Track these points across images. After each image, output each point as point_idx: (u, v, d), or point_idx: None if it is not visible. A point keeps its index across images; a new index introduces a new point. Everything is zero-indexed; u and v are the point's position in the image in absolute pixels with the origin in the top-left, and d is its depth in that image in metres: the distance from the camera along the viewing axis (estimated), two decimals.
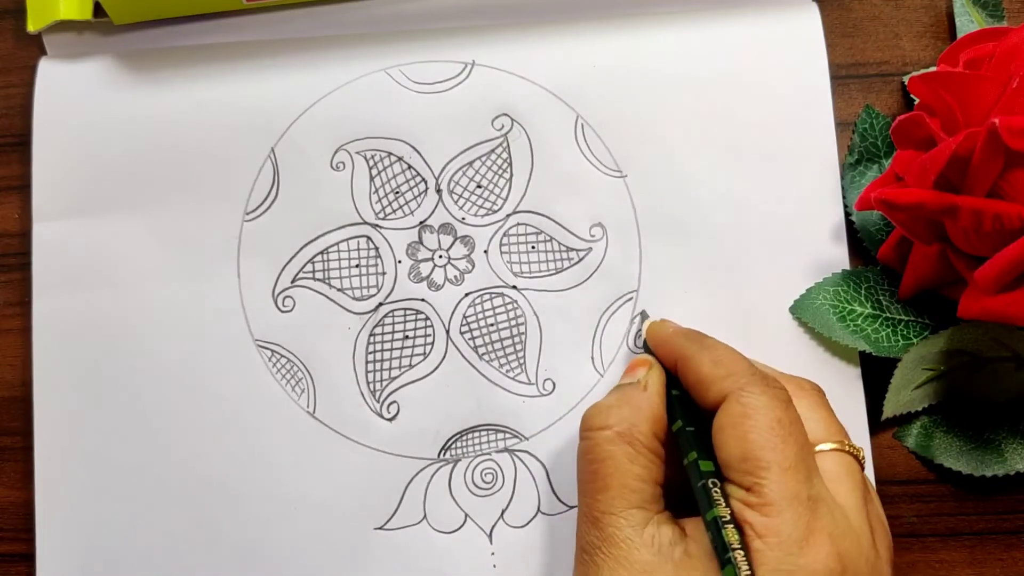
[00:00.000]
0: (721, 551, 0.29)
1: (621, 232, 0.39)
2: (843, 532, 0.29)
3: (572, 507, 0.38)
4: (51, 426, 0.38)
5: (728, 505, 0.30)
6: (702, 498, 0.30)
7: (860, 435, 0.38)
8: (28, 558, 0.38)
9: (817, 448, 0.32)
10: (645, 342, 0.36)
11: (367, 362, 0.38)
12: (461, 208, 0.39)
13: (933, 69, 0.39)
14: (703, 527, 0.30)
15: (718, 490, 0.30)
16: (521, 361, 0.39)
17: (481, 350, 0.39)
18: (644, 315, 0.38)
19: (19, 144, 0.41)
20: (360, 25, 0.41)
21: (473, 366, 0.38)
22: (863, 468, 0.32)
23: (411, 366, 0.38)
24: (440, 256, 0.39)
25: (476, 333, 0.39)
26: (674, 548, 0.30)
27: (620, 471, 0.31)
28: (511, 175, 0.40)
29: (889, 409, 0.37)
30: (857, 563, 0.29)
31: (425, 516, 0.38)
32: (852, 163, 0.39)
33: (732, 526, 0.29)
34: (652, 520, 0.31)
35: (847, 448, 0.32)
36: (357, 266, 0.39)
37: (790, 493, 0.29)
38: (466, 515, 0.38)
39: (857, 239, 0.39)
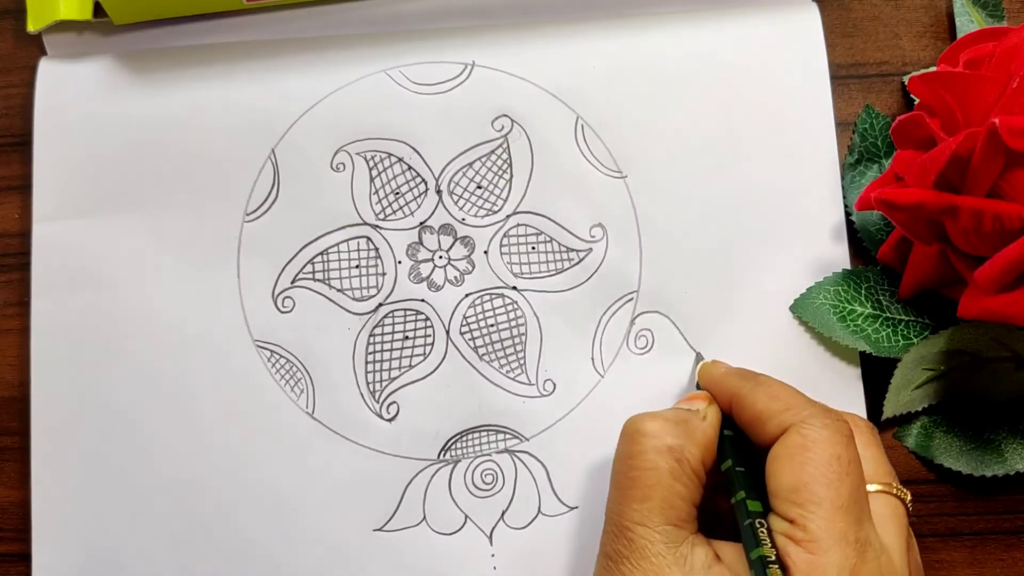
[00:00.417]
0: None
1: (621, 232, 0.39)
2: None
3: (573, 508, 0.38)
4: (49, 426, 0.38)
5: (772, 539, 0.29)
6: (748, 536, 0.30)
7: None
8: (27, 558, 0.38)
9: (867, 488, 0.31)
10: (698, 384, 0.36)
11: (367, 363, 0.38)
12: (461, 209, 0.39)
13: (933, 69, 0.39)
14: (741, 558, 0.30)
15: (765, 530, 0.29)
16: (521, 362, 0.38)
17: (481, 351, 0.39)
18: (699, 357, 0.38)
19: (19, 144, 0.41)
20: (360, 25, 0.41)
21: (473, 367, 0.38)
22: (909, 512, 0.32)
23: (411, 367, 0.38)
24: (440, 257, 0.39)
25: (476, 334, 0.39)
26: (706, 572, 0.29)
27: (663, 484, 0.30)
28: (511, 176, 0.40)
29: (889, 409, 0.37)
30: None
31: (425, 517, 0.38)
32: (852, 163, 0.39)
33: (778, 567, 0.28)
34: (687, 540, 0.30)
35: (895, 491, 0.31)
36: (357, 267, 0.39)
37: (839, 533, 0.28)
38: (466, 516, 0.38)
39: (857, 239, 0.39)
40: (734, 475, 0.32)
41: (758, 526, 0.30)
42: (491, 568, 0.37)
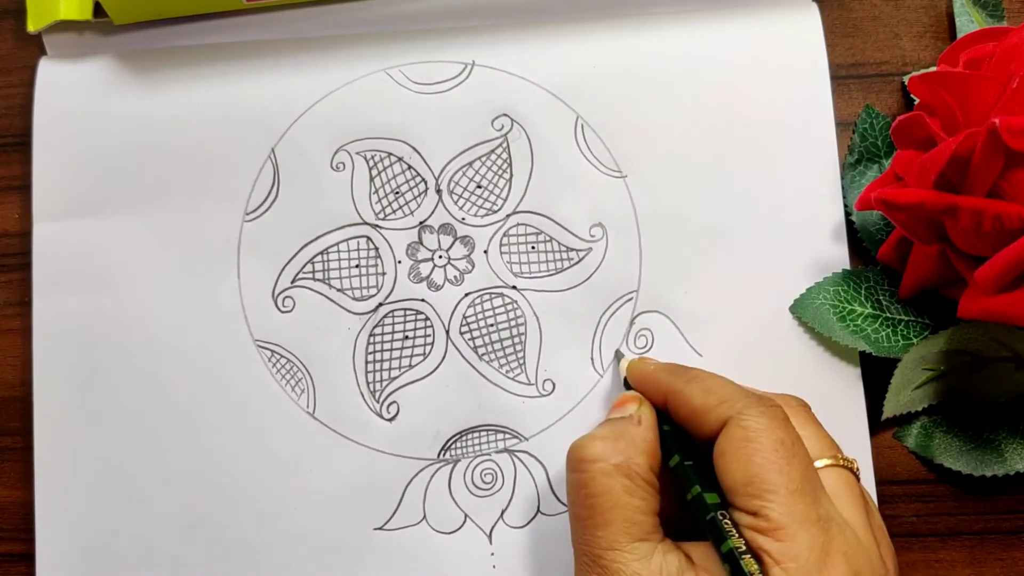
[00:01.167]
0: None
1: (621, 232, 0.39)
2: (856, 551, 0.29)
3: None
4: (51, 426, 0.38)
5: (739, 532, 0.29)
6: (713, 531, 0.30)
7: (860, 435, 0.38)
8: (28, 558, 0.38)
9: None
10: (626, 381, 0.36)
11: (367, 362, 0.38)
12: (461, 208, 0.39)
13: (933, 69, 0.39)
14: (711, 554, 0.29)
15: (728, 521, 0.29)
16: (521, 361, 0.39)
17: (481, 350, 0.39)
18: (619, 354, 0.38)
19: (19, 144, 0.41)
20: (360, 25, 0.41)
21: (473, 366, 0.38)
22: (859, 480, 0.32)
23: (411, 366, 0.38)
24: (440, 256, 0.39)
25: (476, 333, 0.39)
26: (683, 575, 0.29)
27: (620, 504, 0.30)
28: (511, 175, 0.40)
29: (889, 409, 0.37)
30: None
31: (425, 516, 0.38)
32: (852, 163, 0.39)
33: (750, 556, 0.28)
34: (657, 550, 0.30)
35: (842, 462, 0.32)
36: (357, 266, 0.39)
37: (801, 515, 0.28)
38: (466, 515, 0.38)
39: (857, 239, 0.39)
40: (684, 470, 0.32)
41: (720, 518, 0.30)
42: (491, 567, 0.37)
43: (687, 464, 0.32)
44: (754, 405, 0.31)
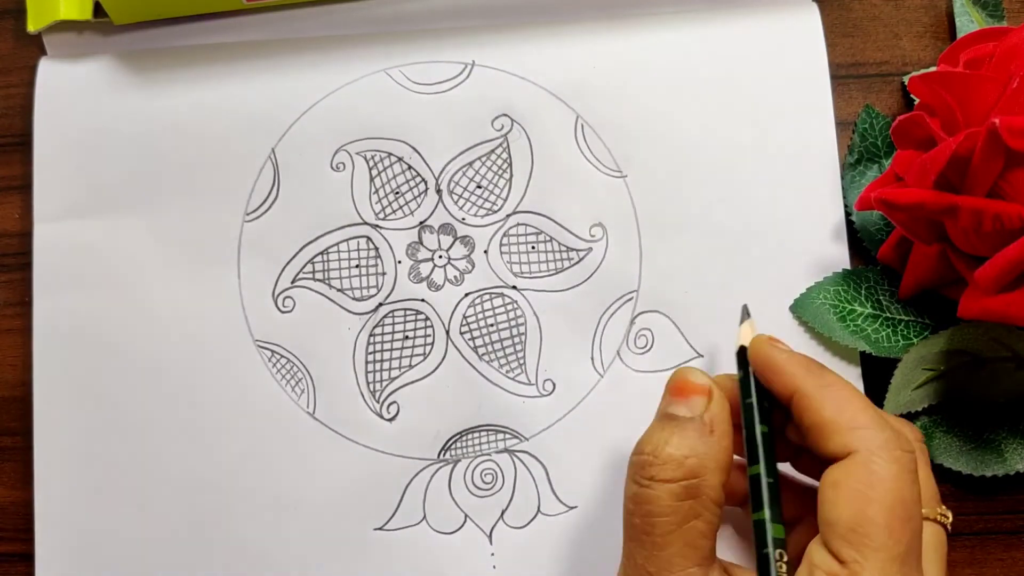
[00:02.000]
0: None
1: (621, 232, 0.39)
2: None
3: (572, 508, 0.38)
4: (51, 426, 0.38)
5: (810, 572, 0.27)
6: (763, 568, 0.28)
7: None
8: (28, 558, 0.38)
9: None
10: (742, 355, 0.32)
11: (367, 362, 0.38)
12: (461, 208, 0.39)
13: (933, 69, 0.39)
14: None
15: (784, 565, 0.28)
16: (521, 361, 0.39)
17: (481, 350, 0.39)
18: (746, 311, 0.34)
19: (19, 144, 0.41)
20: (360, 25, 0.41)
21: (473, 366, 0.38)
22: (949, 534, 0.31)
23: (411, 366, 0.38)
24: (440, 256, 0.39)
25: (476, 333, 0.39)
26: None
27: (684, 529, 0.28)
28: (511, 175, 0.40)
29: (889, 409, 0.37)
30: None
31: (425, 516, 0.38)
32: (852, 163, 0.39)
33: None
34: (708, 575, 0.29)
35: (939, 517, 0.30)
36: (357, 266, 0.39)
37: None
38: (466, 515, 0.38)
39: (857, 239, 0.39)
40: (756, 486, 0.30)
41: (777, 559, 0.28)
42: (491, 567, 0.37)
43: (769, 481, 0.30)
44: (890, 448, 0.28)
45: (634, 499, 0.29)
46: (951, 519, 0.31)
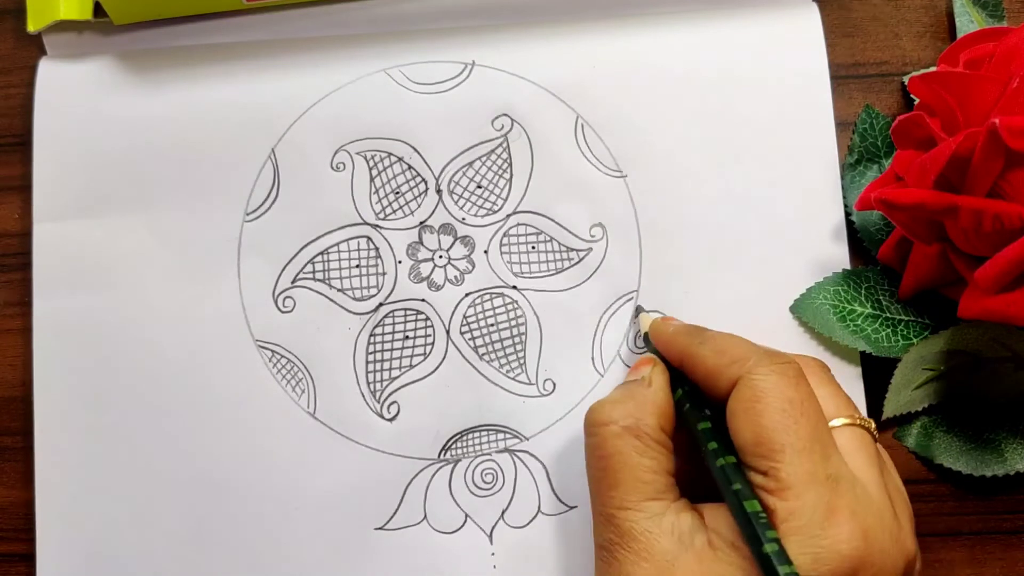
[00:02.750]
0: (753, 543, 0.28)
1: (621, 232, 0.39)
2: (865, 508, 0.29)
3: (572, 507, 0.38)
4: (51, 426, 0.38)
5: (752, 493, 0.29)
6: (722, 480, 0.30)
7: None
8: (28, 558, 0.38)
9: (829, 424, 0.31)
10: (646, 338, 0.36)
11: (367, 362, 0.38)
12: (461, 208, 0.39)
13: (933, 69, 0.39)
14: (724, 514, 0.30)
15: (734, 469, 0.30)
16: (521, 361, 0.39)
17: (481, 350, 0.39)
18: (639, 309, 0.38)
19: (19, 144, 0.41)
20: (360, 25, 0.41)
21: (473, 366, 0.38)
22: (876, 440, 0.32)
23: (411, 366, 0.38)
24: (440, 256, 0.39)
25: (476, 333, 0.39)
26: (694, 536, 0.30)
27: (630, 465, 0.31)
28: (511, 175, 0.40)
29: (889, 409, 0.37)
30: (881, 537, 0.29)
31: (425, 516, 0.38)
32: (852, 163, 0.39)
33: (755, 500, 0.28)
34: (669, 508, 0.30)
35: (858, 422, 0.32)
36: (357, 266, 0.39)
37: (807, 475, 0.28)
38: (466, 515, 0.38)
39: (857, 239, 0.39)
40: (698, 432, 0.32)
41: (725, 464, 0.30)
42: (491, 567, 0.37)
43: (701, 426, 0.32)
44: (764, 363, 0.31)
45: (588, 449, 0.32)
46: (875, 426, 0.32)
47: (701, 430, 0.32)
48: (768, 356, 0.31)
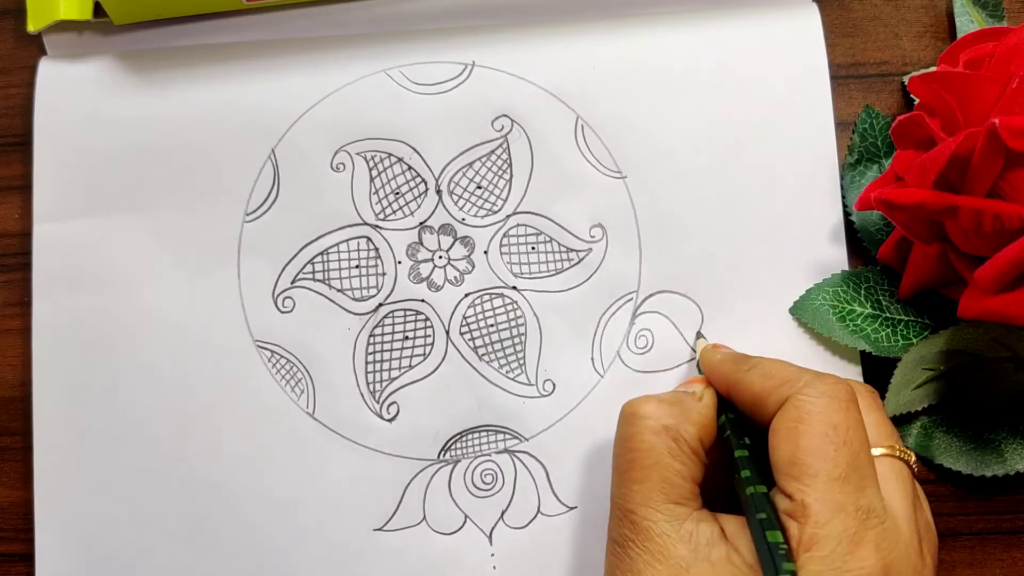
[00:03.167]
0: (768, 573, 0.28)
1: (621, 232, 0.39)
2: (892, 543, 0.28)
3: (572, 508, 0.38)
4: (51, 426, 0.38)
5: (776, 517, 0.29)
6: (749, 507, 0.29)
7: None
8: (28, 558, 0.38)
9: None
10: (698, 366, 0.36)
11: (367, 363, 0.38)
12: (461, 209, 0.39)
13: (933, 69, 0.39)
14: (746, 533, 0.29)
15: (763, 498, 0.29)
16: (521, 362, 0.39)
17: (481, 351, 0.39)
18: (700, 335, 0.38)
19: (19, 144, 0.41)
20: (360, 25, 0.41)
21: (473, 367, 0.38)
22: (914, 473, 0.32)
23: (411, 367, 0.38)
24: (440, 257, 0.39)
25: (476, 334, 0.39)
26: (712, 548, 0.29)
27: (661, 464, 0.30)
28: (511, 176, 0.40)
29: (889, 409, 0.37)
30: (904, 573, 0.28)
31: (425, 517, 0.38)
32: (852, 163, 0.39)
33: (778, 531, 0.28)
34: (691, 516, 0.30)
35: (898, 453, 0.31)
36: (357, 267, 0.39)
37: (836, 504, 0.28)
38: (466, 516, 0.38)
39: (857, 239, 0.39)
40: (735, 455, 0.31)
41: (755, 493, 0.29)
42: (491, 568, 0.37)
43: (738, 453, 0.31)
44: (815, 384, 0.30)
45: (620, 439, 0.32)
46: (914, 459, 0.32)
47: (738, 456, 0.31)
48: (820, 378, 0.30)
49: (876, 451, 0.31)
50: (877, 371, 0.37)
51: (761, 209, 0.39)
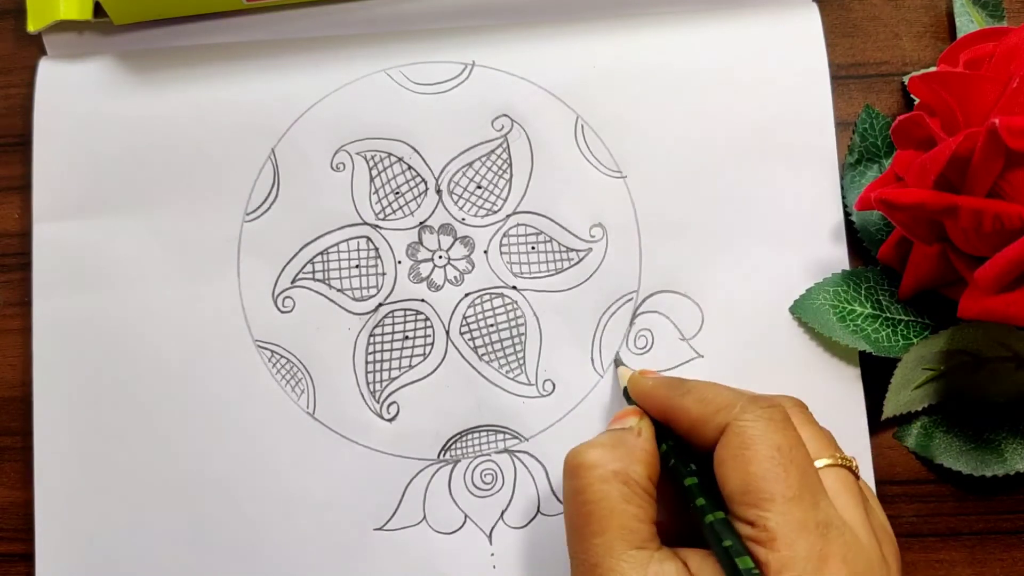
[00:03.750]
0: None
1: (621, 232, 0.39)
2: (855, 553, 0.28)
3: None
4: (51, 426, 0.38)
5: (740, 542, 0.28)
6: (712, 536, 0.29)
7: (860, 435, 0.37)
8: (28, 558, 0.38)
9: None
10: (625, 393, 0.35)
11: (367, 363, 0.38)
12: (461, 209, 0.39)
13: (933, 69, 0.39)
14: (710, 561, 0.29)
15: (723, 525, 0.29)
16: (521, 362, 0.39)
17: (481, 351, 0.39)
18: (617, 360, 0.38)
19: (19, 144, 0.41)
20: (360, 25, 0.41)
21: (473, 367, 0.38)
22: (858, 478, 0.32)
23: (411, 367, 0.38)
24: (440, 257, 0.39)
25: (476, 334, 0.39)
26: None
27: (616, 511, 0.30)
28: (511, 176, 0.40)
29: (889, 409, 0.37)
30: None
31: (425, 517, 0.38)
32: (852, 163, 0.39)
33: (747, 557, 0.28)
34: (653, 558, 0.29)
35: (840, 461, 0.31)
36: (357, 267, 0.39)
37: (798, 523, 0.28)
38: (466, 516, 0.38)
39: (857, 239, 0.39)
40: (687, 487, 0.31)
41: (715, 520, 0.29)
42: (491, 567, 0.37)
43: (688, 481, 0.31)
44: (750, 409, 0.30)
45: (570, 493, 0.31)
46: (856, 463, 0.32)
47: (689, 485, 0.31)
48: (754, 401, 0.30)
49: (819, 463, 0.31)
50: (877, 371, 0.37)
51: (761, 209, 0.39)
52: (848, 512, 0.30)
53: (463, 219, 0.39)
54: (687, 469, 0.31)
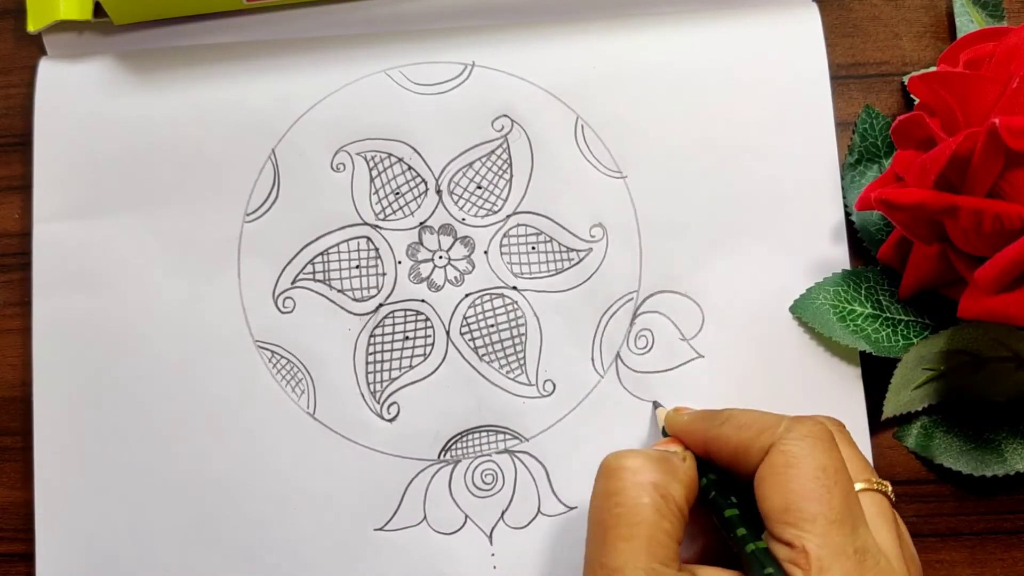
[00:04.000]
0: None
1: (621, 232, 0.39)
2: None
3: (572, 508, 0.38)
4: (51, 426, 0.38)
5: (777, 567, 0.28)
6: (751, 562, 0.29)
7: (860, 435, 0.37)
8: (28, 558, 0.38)
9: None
10: (664, 434, 0.35)
11: (367, 363, 0.38)
12: (461, 209, 0.39)
13: (933, 69, 0.39)
14: None
15: (773, 565, 0.28)
16: (521, 362, 0.39)
17: (481, 351, 0.39)
18: (656, 405, 0.38)
19: (19, 144, 0.41)
20: (360, 25, 0.41)
21: (473, 367, 0.38)
22: (892, 503, 0.31)
23: (411, 367, 0.38)
24: (440, 257, 0.39)
25: (476, 334, 0.39)
26: None
27: (648, 522, 0.29)
28: (511, 176, 0.40)
29: (889, 409, 0.37)
30: None
31: (425, 517, 0.38)
32: (852, 163, 0.39)
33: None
34: None
35: (876, 486, 0.31)
36: (357, 267, 0.39)
37: (837, 548, 0.27)
38: (466, 516, 0.38)
39: (857, 239, 0.39)
40: (725, 515, 0.31)
41: (756, 550, 0.29)
42: (491, 568, 0.37)
43: (729, 513, 0.31)
44: (795, 428, 0.29)
45: (602, 493, 0.30)
46: (891, 488, 0.31)
47: (729, 516, 0.30)
48: (799, 421, 0.30)
49: (857, 486, 0.30)
50: (877, 371, 0.37)
51: (761, 209, 0.39)
52: (882, 538, 0.29)
53: (463, 219, 0.39)
54: (726, 501, 0.31)
